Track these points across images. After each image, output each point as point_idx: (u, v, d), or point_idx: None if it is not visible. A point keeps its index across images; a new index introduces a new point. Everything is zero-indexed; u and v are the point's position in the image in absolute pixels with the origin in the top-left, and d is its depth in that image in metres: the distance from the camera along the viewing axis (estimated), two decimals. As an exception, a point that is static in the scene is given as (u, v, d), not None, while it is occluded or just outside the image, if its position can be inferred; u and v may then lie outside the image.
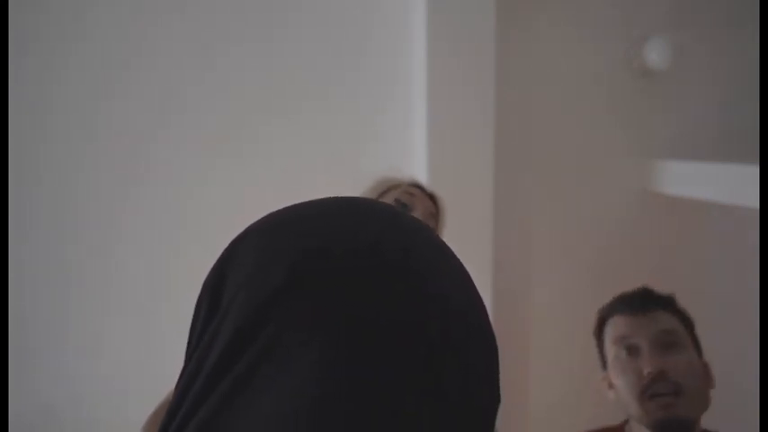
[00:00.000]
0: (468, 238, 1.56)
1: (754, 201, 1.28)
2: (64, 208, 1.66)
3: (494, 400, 0.37)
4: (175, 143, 1.66)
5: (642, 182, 1.80)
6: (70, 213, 1.66)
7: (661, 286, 1.26)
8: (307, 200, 0.42)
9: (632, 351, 1.10)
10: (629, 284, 1.27)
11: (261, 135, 1.68)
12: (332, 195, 0.43)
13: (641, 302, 1.14)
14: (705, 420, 1.14)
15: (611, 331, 1.15)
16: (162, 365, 0.99)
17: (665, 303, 1.15)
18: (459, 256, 0.45)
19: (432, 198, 1.23)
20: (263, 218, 0.41)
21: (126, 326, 1.69)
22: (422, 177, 1.52)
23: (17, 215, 1.60)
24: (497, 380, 0.39)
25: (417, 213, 1.11)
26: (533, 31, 1.72)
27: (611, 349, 1.14)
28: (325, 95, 1.68)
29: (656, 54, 1.74)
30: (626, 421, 1.17)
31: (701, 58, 1.82)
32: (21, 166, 1.59)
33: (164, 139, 1.66)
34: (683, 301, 1.24)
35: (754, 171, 1.33)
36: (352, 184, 1.22)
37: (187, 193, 1.67)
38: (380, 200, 1.11)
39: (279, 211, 0.41)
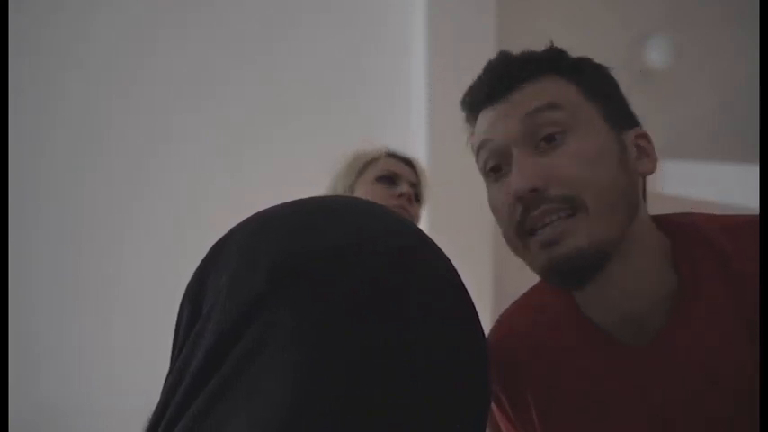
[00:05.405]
0: (468, 238, 1.56)
1: (753, 201, 1.28)
2: (66, 209, 1.65)
3: (480, 400, 0.37)
4: (177, 144, 1.66)
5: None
6: (73, 213, 1.65)
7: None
8: (287, 201, 0.41)
9: (496, 165, 0.62)
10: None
11: (262, 137, 1.68)
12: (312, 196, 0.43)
13: (507, 77, 0.61)
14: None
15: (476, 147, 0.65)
16: (162, 365, 0.99)
17: (549, 64, 0.61)
18: (459, 256, 0.45)
19: (409, 164, 1.11)
20: (244, 221, 0.40)
21: (126, 326, 1.69)
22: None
23: (20, 214, 1.60)
24: (486, 382, 0.38)
25: (402, 188, 1.04)
26: (533, 31, 1.71)
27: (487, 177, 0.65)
28: (325, 97, 1.68)
29: (656, 54, 1.74)
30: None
31: (701, 58, 1.82)
32: (21, 169, 1.59)
33: (166, 141, 1.66)
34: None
35: (753, 171, 1.33)
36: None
37: (188, 194, 1.67)
38: (361, 178, 1.09)
39: (259, 214, 0.40)
